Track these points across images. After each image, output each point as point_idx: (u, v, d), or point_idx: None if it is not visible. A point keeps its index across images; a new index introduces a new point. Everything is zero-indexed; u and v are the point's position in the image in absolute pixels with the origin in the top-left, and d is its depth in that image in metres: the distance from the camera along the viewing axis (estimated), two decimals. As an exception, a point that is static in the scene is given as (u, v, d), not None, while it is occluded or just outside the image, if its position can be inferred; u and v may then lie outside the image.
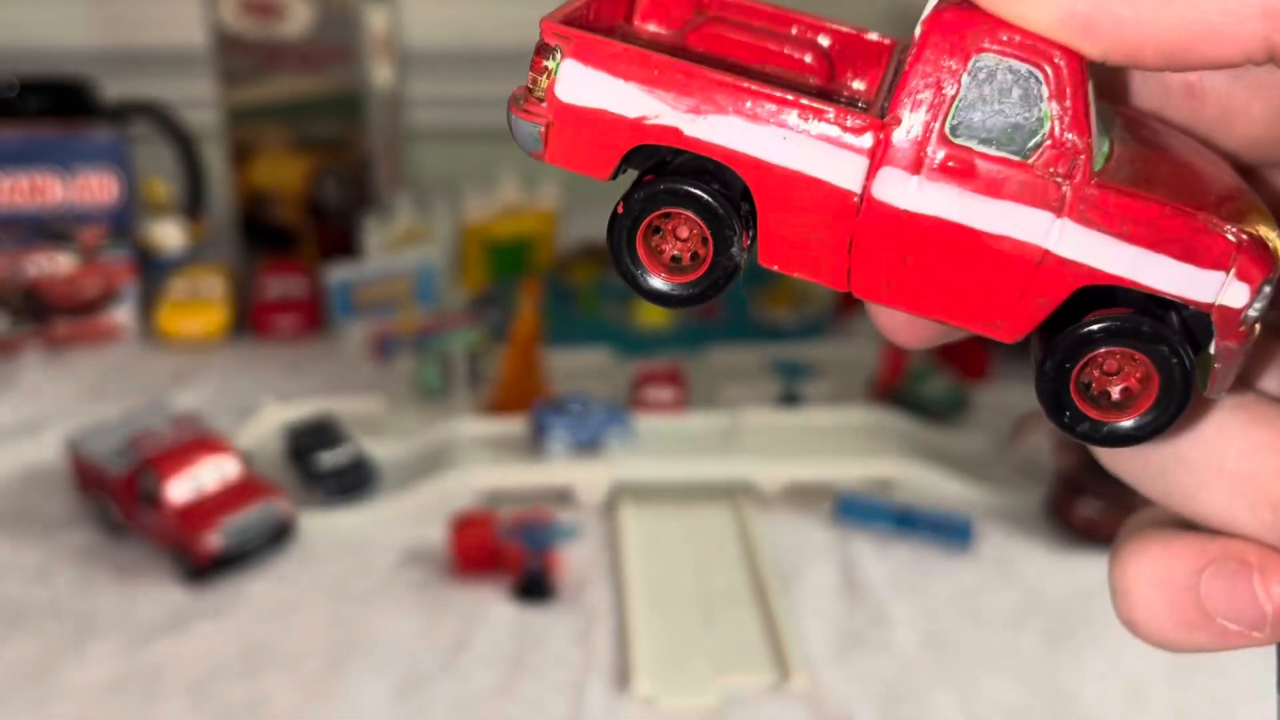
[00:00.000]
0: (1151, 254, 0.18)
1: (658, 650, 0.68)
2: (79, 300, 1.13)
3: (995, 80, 0.18)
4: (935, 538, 0.79)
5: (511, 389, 0.93)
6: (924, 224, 0.19)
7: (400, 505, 0.82)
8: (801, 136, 0.19)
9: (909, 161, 0.18)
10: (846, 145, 0.19)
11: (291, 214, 1.26)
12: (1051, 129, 0.18)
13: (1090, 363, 0.19)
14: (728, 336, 1.13)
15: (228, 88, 1.24)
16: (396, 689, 0.65)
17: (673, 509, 0.84)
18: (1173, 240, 0.18)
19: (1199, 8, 0.17)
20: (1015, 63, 0.18)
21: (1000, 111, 0.18)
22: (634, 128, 0.19)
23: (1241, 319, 0.18)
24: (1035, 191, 0.18)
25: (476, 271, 1.27)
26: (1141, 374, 0.19)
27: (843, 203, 0.19)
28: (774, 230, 0.19)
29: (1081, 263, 0.18)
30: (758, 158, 0.19)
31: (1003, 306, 0.19)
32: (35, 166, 1.10)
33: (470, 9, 1.48)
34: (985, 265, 0.19)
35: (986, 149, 0.18)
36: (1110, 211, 0.18)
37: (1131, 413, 0.19)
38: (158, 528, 0.76)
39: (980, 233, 0.18)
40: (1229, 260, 0.18)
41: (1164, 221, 0.18)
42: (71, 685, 0.66)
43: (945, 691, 0.65)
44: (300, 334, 1.15)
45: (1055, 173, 0.18)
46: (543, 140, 0.20)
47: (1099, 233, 0.18)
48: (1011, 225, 0.18)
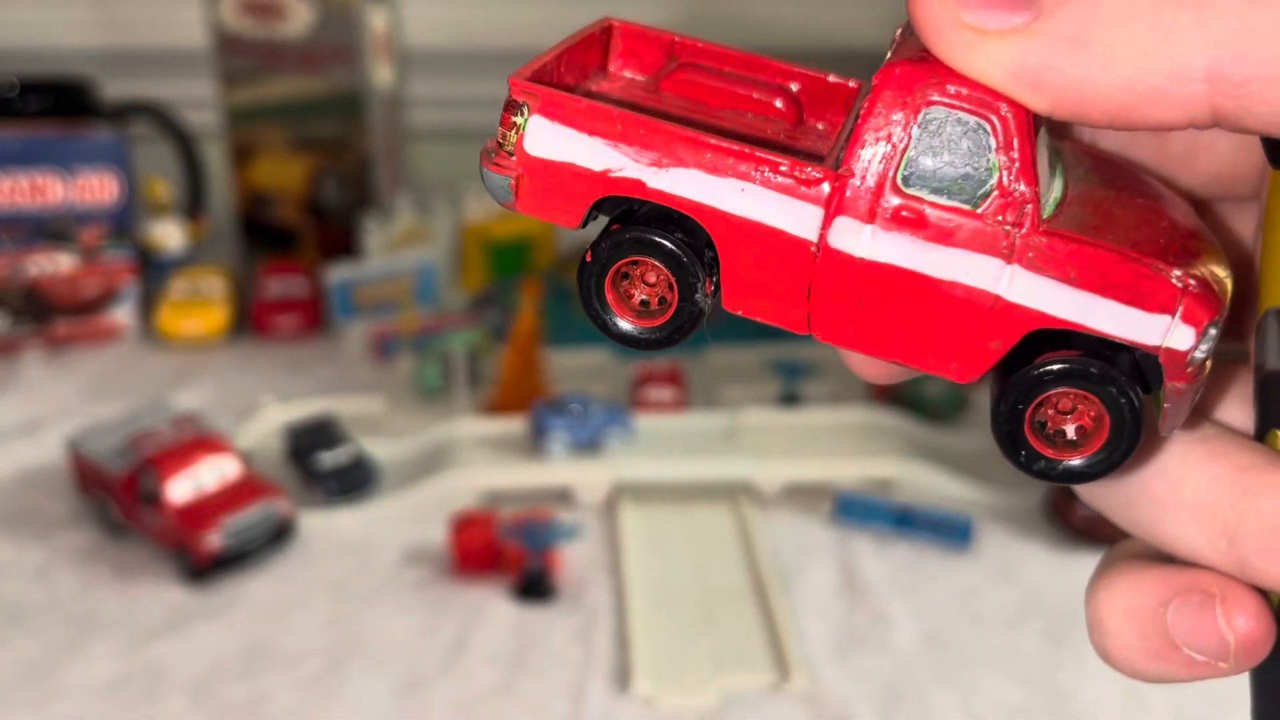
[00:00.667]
0: (1099, 299, 0.18)
1: (658, 650, 0.68)
2: (79, 300, 1.13)
3: (945, 132, 0.19)
4: (935, 538, 0.79)
5: (511, 389, 0.93)
6: (879, 271, 0.19)
7: (400, 505, 0.82)
8: (759, 188, 0.19)
9: (863, 211, 0.19)
10: (802, 196, 0.19)
11: (292, 214, 1.26)
12: (1000, 179, 0.19)
13: (1045, 402, 0.19)
14: (728, 337, 1.13)
15: (228, 88, 1.24)
16: (397, 688, 0.65)
17: (673, 509, 0.84)
18: (1119, 285, 0.18)
19: (1144, 70, 0.17)
20: (964, 115, 0.18)
21: (950, 162, 0.19)
22: (600, 180, 0.20)
23: (1188, 361, 0.19)
24: (985, 239, 0.19)
25: (476, 271, 1.27)
26: (1094, 413, 0.19)
27: (800, 251, 0.19)
28: (737, 276, 0.20)
29: (1031, 308, 0.19)
30: (718, 208, 0.19)
31: (957, 349, 0.19)
32: (36, 167, 1.10)
33: (469, 10, 1.48)
34: (939, 310, 0.19)
35: (938, 198, 0.19)
36: (1058, 258, 0.18)
37: (1085, 451, 0.19)
38: (158, 527, 0.76)
39: (933, 279, 0.19)
40: (1174, 304, 0.18)
41: (1111, 267, 0.18)
42: (72, 684, 0.66)
43: (945, 691, 0.65)
44: (300, 334, 1.15)
45: (1004, 221, 0.19)
46: (513, 192, 0.21)
47: (1047, 279, 0.18)
48: (963, 272, 0.19)
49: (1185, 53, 0.17)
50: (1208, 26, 0.17)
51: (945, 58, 0.18)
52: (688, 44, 0.23)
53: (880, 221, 0.19)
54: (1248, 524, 0.19)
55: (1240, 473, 0.20)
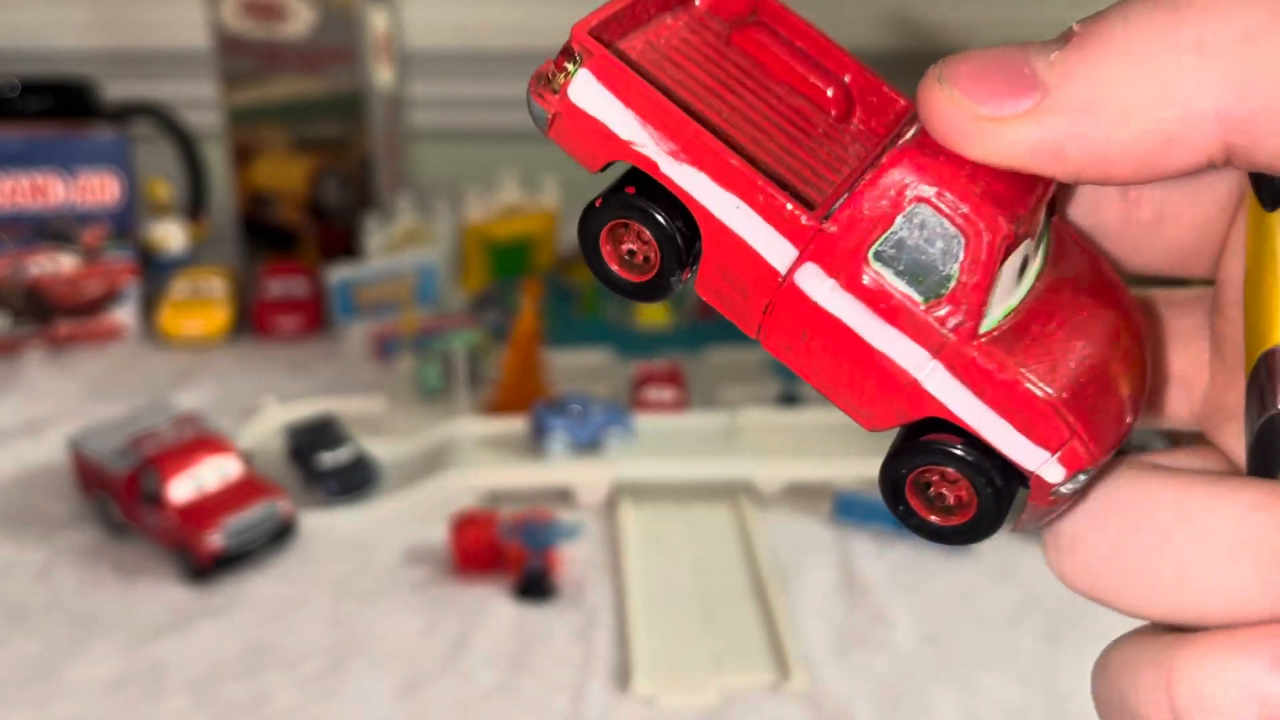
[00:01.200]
0: (997, 416, 0.20)
1: (658, 649, 0.68)
2: (81, 300, 1.13)
3: (926, 229, 0.20)
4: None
5: (512, 389, 0.93)
6: (826, 319, 0.20)
7: (401, 505, 0.82)
8: (751, 211, 0.20)
9: (830, 266, 0.20)
10: (785, 232, 0.20)
11: (293, 214, 1.26)
12: (954, 289, 0.20)
13: (928, 469, 0.21)
14: (727, 337, 1.13)
15: (229, 89, 1.24)
16: (397, 688, 0.66)
17: (673, 508, 0.84)
18: (1018, 413, 0.20)
19: (1158, 118, 0.18)
20: (947, 222, 0.19)
21: (919, 256, 0.20)
22: (622, 147, 0.21)
23: (1052, 491, 0.20)
24: (923, 332, 0.20)
25: (477, 272, 1.28)
26: (966, 492, 0.21)
27: (770, 275, 0.21)
28: (712, 272, 0.21)
29: (940, 400, 0.20)
30: (713, 214, 0.21)
31: (871, 404, 0.21)
32: (37, 167, 1.10)
33: (469, 10, 1.48)
34: (865, 369, 0.21)
35: (897, 281, 0.20)
36: (976, 373, 0.20)
37: (955, 519, 0.21)
38: (159, 527, 0.76)
39: (868, 345, 0.20)
40: (1058, 446, 0.20)
41: (1017, 397, 0.20)
42: (73, 684, 0.66)
43: (944, 690, 0.66)
44: (301, 334, 1.15)
45: (944, 324, 0.20)
46: (549, 125, 0.22)
47: (961, 384, 0.20)
48: (894, 349, 0.20)
49: (1192, 96, 0.18)
50: (1209, 68, 0.17)
51: (967, 152, 0.19)
52: (771, 4, 0.24)
53: (842, 280, 0.20)
54: None
55: (1278, 496, 0.18)
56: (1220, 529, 0.19)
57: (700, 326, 1.17)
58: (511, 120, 1.56)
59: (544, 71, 0.22)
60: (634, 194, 0.21)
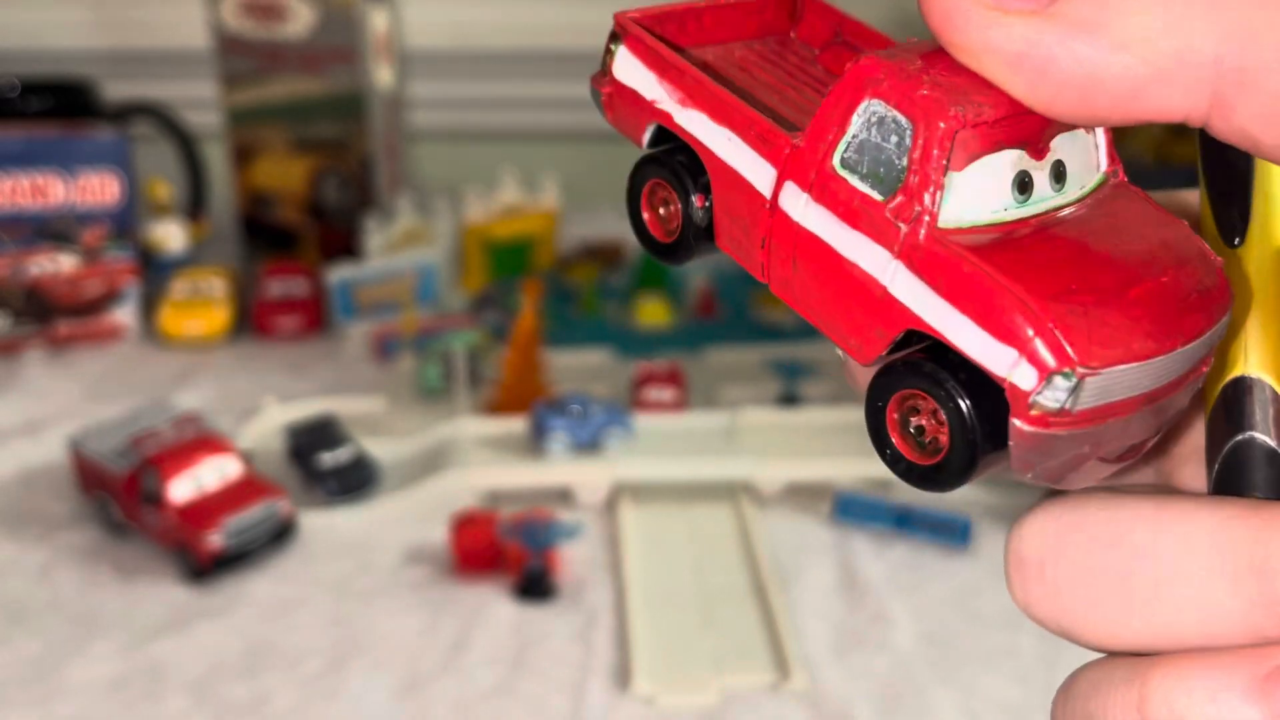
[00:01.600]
0: (958, 313, 0.18)
1: (657, 649, 0.68)
2: (81, 300, 1.14)
3: (882, 126, 0.19)
4: (934, 537, 0.79)
5: (512, 389, 0.93)
6: (807, 239, 0.20)
7: (401, 505, 0.82)
8: (740, 141, 0.21)
9: (804, 180, 0.20)
10: (767, 155, 0.21)
11: (293, 215, 1.26)
12: (908, 179, 0.19)
13: (912, 402, 0.20)
14: (727, 337, 1.13)
15: (229, 89, 1.24)
16: (397, 688, 0.66)
17: (673, 508, 0.84)
18: (979, 305, 0.18)
19: (1154, 52, 0.17)
20: (899, 115, 0.19)
21: (878, 154, 0.19)
22: (649, 108, 0.23)
23: (1030, 403, 0.18)
24: (883, 230, 0.19)
25: (477, 272, 1.28)
26: (943, 421, 0.19)
27: (760, 204, 0.21)
28: (722, 217, 0.22)
29: (907, 306, 0.19)
30: (711, 150, 0.22)
31: (856, 329, 0.20)
32: (37, 167, 1.10)
33: (469, 11, 1.48)
34: (844, 287, 0.20)
35: (860, 184, 0.20)
36: (933, 265, 0.19)
37: (937, 458, 0.19)
38: (159, 527, 0.77)
39: (841, 257, 0.20)
40: (1023, 342, 0.18)
41: (975, 286, 0.18)
42: (73, 684, 0.66)
43: (944, 690, 0.66)
44: (301, 334, 1.15)
45: (900, 218, 0.19)
46: (604, 107, 0.24)
47: (920, 282, 0.19)
48: (861, 255, 0.20)
49: (1195, 37, 0.17)
50: (1219, 13, 0.17)
51: (957, 37, 0.18)
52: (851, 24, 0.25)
53: (814, 192, 0.20)
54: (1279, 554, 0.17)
55: (1254, 510, 0.18)
56: (1197, 541, 0.18)
57: (700, 326, 1.17)
58: (511, 120, 1.57)
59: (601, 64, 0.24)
60: (657, 154, 0.23)
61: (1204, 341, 0.19)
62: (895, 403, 0.20)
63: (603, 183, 1.55)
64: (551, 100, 1.51)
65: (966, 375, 0.19)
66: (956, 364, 0.19)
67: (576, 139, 1.54)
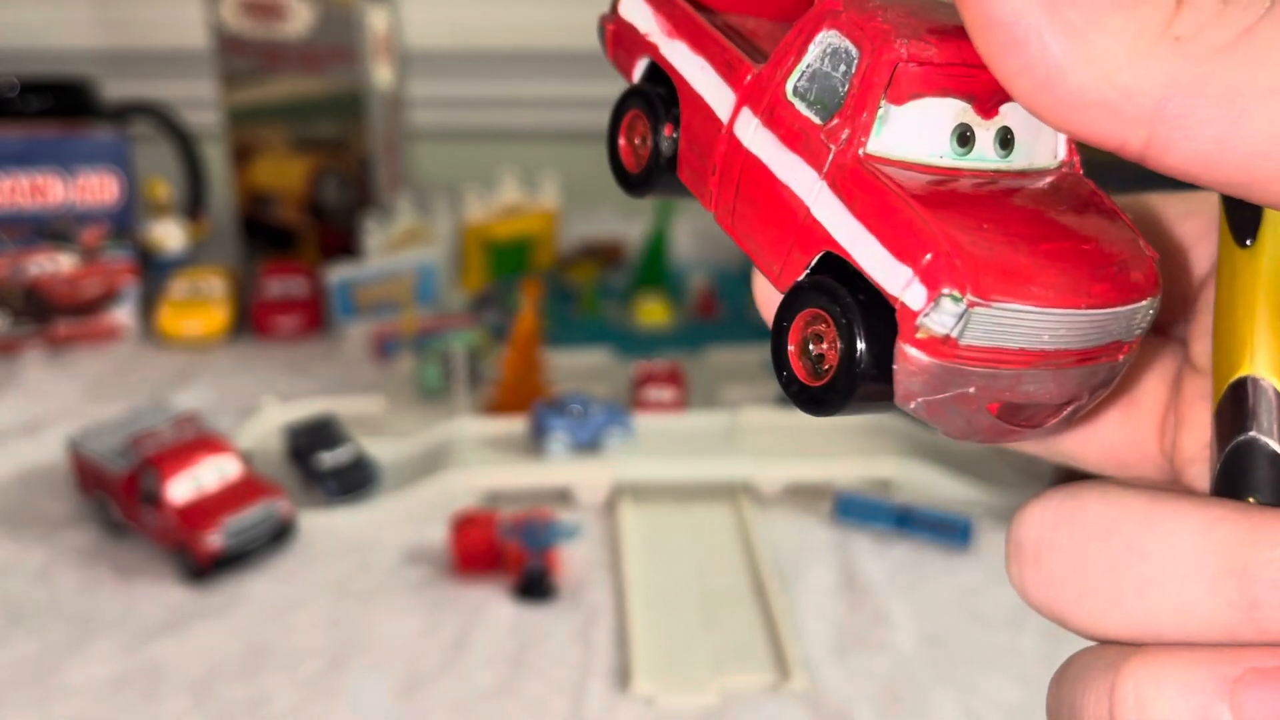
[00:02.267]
0: (866, 231, 0.19)
1: (657, 649, 0.68)
2: (80, 300, 1.14)
3: (834, 56, 0.20)
4: (934, 537, 0.79)
5: (512, 389, 0.93)
6: (751, 162, 0.21)
7: (401, 505, 0.82)
8: (710, 68, 0.22)
9: (757, 106, 0.21)
10: (730, 82, 0.22)
11: (292, 214, 1.27)
12: (845, 103, 0.20)
13: (814, 329, 0.20)
14: (727, 337, 1.13)
15: (228, 88, 1.24)
16: (397, 688, 0.66)
17: (673, 509, 0.84)
18: (885, 223, 0.19)
19: (1114, 79, 0.17)
20: (850, 44, 0.20)
21: (826, 81, 0.20)
22: (642, 41, 0.25)
23: (916, 324, 0.18)
24: (815, 151, 0.20)
25: (477, 272, 1.28)
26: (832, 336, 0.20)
27: (716, 129, 0.22)
28: (685, 147, 0.23)
29: (824, 227, 0.20)
30: (684, 78, 0.23)
31: (780, 254, 0.21)
32: (36, 167, 1.10)
33: (468, 10, 1.48)
34: (776, 210, 0.21)
35: (805, 110, 0.20)
36: (851, 184, 0.19)
37: (826, 379, 0.20)
38: (159, 527, 0.76)
39: (775, 178, 0.21)
40: (919, 260, 0.18)
41: (885, 205, 0.19)
42: (72, 684, 0.66)
43: (944, 690, 0.66)
44: (301, 334, 1.16)
45: (831, 139, 0.20)
46: (606, 43, 0.26)
47: (839, 201, 0.19)
48: (793, 176, 0.20)
49: (1146, 80, 0.17)
50: (1171, 60, 0.17)
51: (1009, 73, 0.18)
52: None
53: (763, 117, 0.21)
54: (1260, 560, 0.18)
55: (1243, 514, 0.18)
56: (1183, 540, 0.18)
57: (700, 326, 1.17)
58: (511, 120, 1.57)
59: None
60: (640, 87, 0.24)
61: (1114, 316, 0.19)
62: (798, 326, 0.20)
63: (603, 183, 1.55)
64: (551, 100, 1.51)
65: (866, 298, 0.19)
66: (860, 287, 0.19)
67: (576, 139, 1.55)
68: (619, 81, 0.26)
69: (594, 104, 0.25)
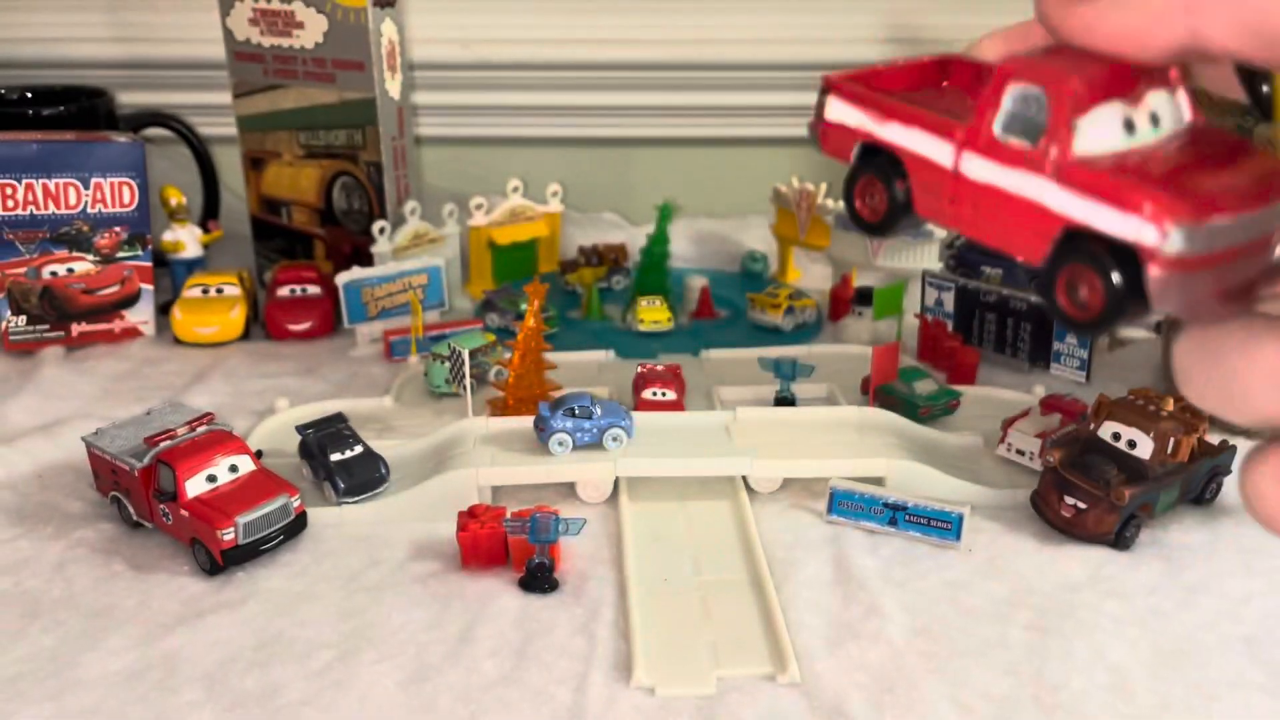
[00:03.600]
0: (1095, 203, 0.27)
1: (657, 641, 0.69)
2: (97, 303, 1.15)
3: (1024, 100, 0.28)
4: (926, 532, 0.80)
5: (516, 389, 0.94)
6: (984, 187, 0.29)
7: (409, 501, 0.83)
8: (925, 134, 0.30)
9: (976, 148, 0.29)
10: (943, 138, 0.30)
11: (305, 220, 1.28)
12: (1049, 126, 0.28)
13: (1074, 275, 0.28)
14: (726, 338, 1.15)
15: (242, 98, 1.26)
16: (405, 678, 0.66)
17: (672, 505, 0.85)
18: (1107, 194, 0.26)
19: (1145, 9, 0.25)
20: (1033, 89, 0.28)
21: (1026, 117, 0.28)
22: (855, 133, 0.32)
23: (1155, 251, 0.25)
24: (1037, 164, 0.28)
25: (483, 275, 1.29)
26: (1095, 280, 0.27)
27: (946, 173, 0.30)
28: (917, 191, 0.31)
29: (1060, 212, 0.27)
30: (905, 147, 0.31)
31: (1027, 240, 0.28)
32: (55, 173, 1.11)
33: (475, 19, 1.50)
34: (1015, 212, 0.28)
35: (1016, 141, 0.28)
36: (1074, 177, 0.27)
37: (1091, 312, 0.27)
38: (174, 523, 0.78)
39: (1009, 193, 0.28)
40: (1143, 209, 0.26)
41: (1102, 182, 0.27)
42: (89, 676, 0.67)
43: (935, 681, 0.66)
44: (312, 336, 1.17)
45: (1046, 152, 0.28)
46: (820, 141, 0.33)
47: (1067, 191, 0.27)
48: (1024, 186, 0.28)
49: None
50: None
51: (1049, 21, 0.27)
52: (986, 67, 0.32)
53: (985, 155, 0.29)
54: None
55: None
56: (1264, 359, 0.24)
57: (699, 328, 1.18)
58: (517, 128, 1.58)
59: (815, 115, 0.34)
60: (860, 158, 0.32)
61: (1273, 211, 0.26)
62: (1061, 283, 0.28)
63: (605, 188, 1.57)
64: (557, 108, 1.52)
65: (1110, 249, 0.27)
66: (1103, 244, 0.27)
67: (580, 145, 1.56)
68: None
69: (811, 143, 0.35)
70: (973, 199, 0.29)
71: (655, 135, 1.56)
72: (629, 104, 1.53)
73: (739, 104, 1.54)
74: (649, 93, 1.52)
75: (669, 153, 1.58)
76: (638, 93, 1.52)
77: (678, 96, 1.53)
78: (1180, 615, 0.73)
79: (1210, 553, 0.80)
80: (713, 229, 1.47)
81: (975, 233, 0.29)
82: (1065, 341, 1.07)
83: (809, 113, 0.34)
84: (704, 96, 1.53)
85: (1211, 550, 0.81)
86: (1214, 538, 0.82)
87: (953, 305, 1.13)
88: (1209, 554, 0.80)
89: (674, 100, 1.53)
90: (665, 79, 1.51)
